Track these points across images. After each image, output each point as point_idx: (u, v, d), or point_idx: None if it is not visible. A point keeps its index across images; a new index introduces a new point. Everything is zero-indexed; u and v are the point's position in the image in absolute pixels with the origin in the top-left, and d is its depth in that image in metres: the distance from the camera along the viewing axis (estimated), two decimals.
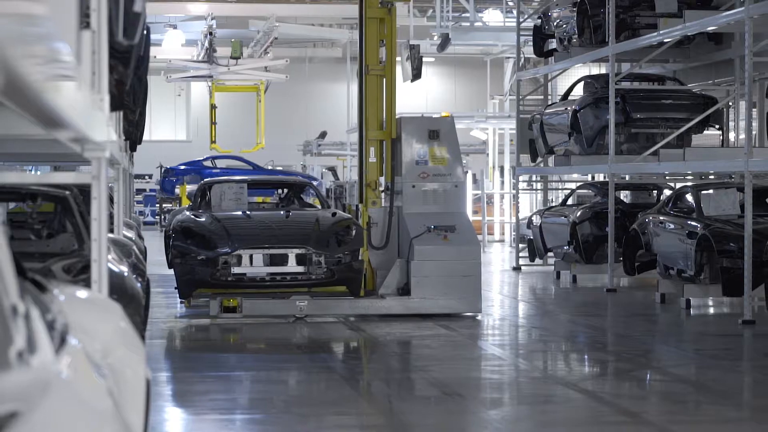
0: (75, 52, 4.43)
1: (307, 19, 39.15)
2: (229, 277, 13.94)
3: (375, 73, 15.34)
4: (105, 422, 3.03)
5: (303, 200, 16.98)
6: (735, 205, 15.90)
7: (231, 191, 15.70)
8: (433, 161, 15.24)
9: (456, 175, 15.32)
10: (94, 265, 5.77)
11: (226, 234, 14.07)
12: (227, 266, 13.92)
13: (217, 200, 15.69)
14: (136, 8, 6.09)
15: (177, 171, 40.10)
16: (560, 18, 22.39)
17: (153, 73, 22.76)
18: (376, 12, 15.30)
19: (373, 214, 15.20)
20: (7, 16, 2.35)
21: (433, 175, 15.20)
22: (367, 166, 15.41)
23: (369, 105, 15.42)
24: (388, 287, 14.74)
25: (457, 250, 14.74)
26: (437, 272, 14.55)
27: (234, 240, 13.99)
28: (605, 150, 19.01)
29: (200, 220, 14.54)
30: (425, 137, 15.26)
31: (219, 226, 14.24)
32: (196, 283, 14.10)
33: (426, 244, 14.67)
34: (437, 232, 14.74)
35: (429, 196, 15.17)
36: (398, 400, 9.38)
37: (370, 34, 15.33)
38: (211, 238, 14.05)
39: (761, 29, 16.32)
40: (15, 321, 2.60)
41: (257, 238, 14.12)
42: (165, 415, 8.62)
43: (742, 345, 12.96)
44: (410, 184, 15.14)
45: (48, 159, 12.10)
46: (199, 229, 14.23)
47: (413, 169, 15.19)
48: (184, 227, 14.35)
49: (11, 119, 4.66)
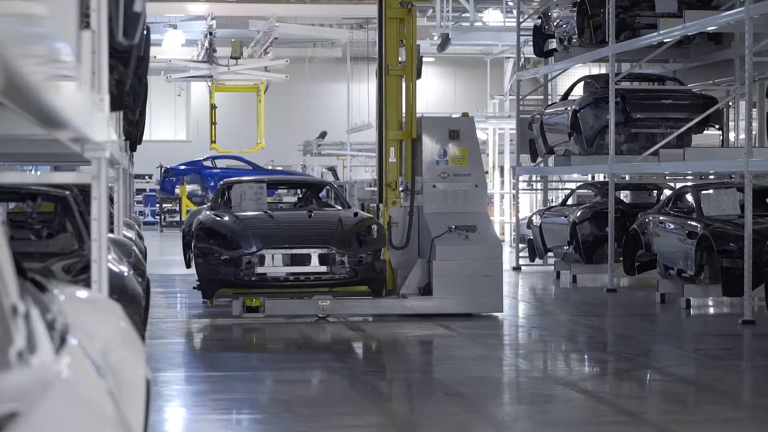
0: (75, 52, 4.43)
1: (307, 19, 39.13)
2: (252, 277, 13.96)
3: (395, 73, 15.43)
4: (105, 422, 3.03)
5: (321, 200, 17.01)
6: (735, 205, 15.90)
7: (251, 191, 15.73)
8: (454, 161, 15.33)
9: (476, 175, 15.40)
10: (94, 265, 5.77)
11: (249, 234, 14.07)
12: (251, 266, 13.93)
13: (237, 200, 15.72)
14: (136, 8, 6.09)
15: (177, 171, 40.09)
16: (560, 18, 22.39)
17: (153, 73, 22.76)
18: (395, 12, 15.39)
19: (393, 214, 15.28)
20: (7, 16, 2.35)
21: (453, 175, 15.28)
22: (387, 166, 15.46)
23: (389, 105, 15.49)
24: (408, 287, 14.79)
25: (479, 250, 14.80)
26: (459, 272, 14.59)
27: (258, 240, 14.00)
28: (605, 150, 19.01)
29: (223, 220, 14.52)
30: (446, 137, 15.36)
31: (242, 226, 14.25)
32: (219, 283, 14.08)
33: (448, 244, 14.72)
34: (458, 232, 14.80)
35: (449, 196, 15.23)
36: (399, 400, 9.38)
37: (390, 35, 15.41)
38: (234, 238, 14.05)
39: (761, 29, 16.33)
40: (15, 321, 2.60)
41: (281, 238, 14.12)
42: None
43: (742, 345, 12.96)
44: (431, 184, 15.23)
45: (48, 159, 12.10)
46: (223, 229, 14.23)
47: (433, 169, 15.27)
48: (207, 227, 14.35)
49: (11, 119, 4.66)
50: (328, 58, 46.99)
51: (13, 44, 2.36)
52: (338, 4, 38.06)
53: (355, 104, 43.78)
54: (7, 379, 2.37)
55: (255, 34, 38.00)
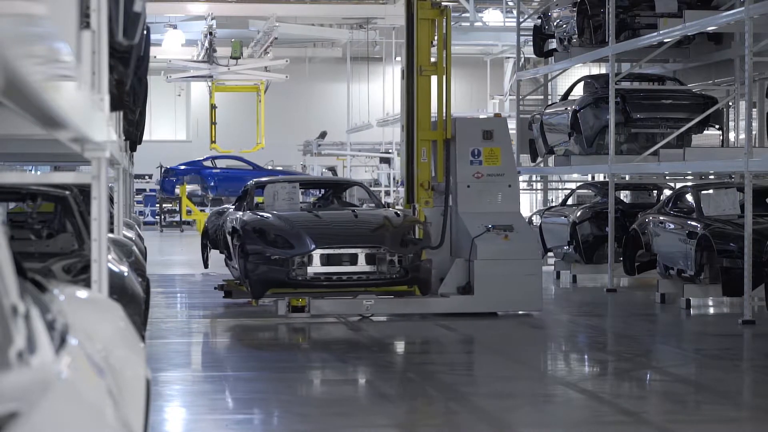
0: (75, 52, 4.44)
1: (307, 19, 39.13)
2: (305, 277, 14.00)
3: (428, 73, 15.63)
4: (105, 422, 3.03)
5: (344, 200, 17.18)
6: (735, 205, 15.90)
7: (284, 191, 15.75)
8: (487, 161, 15.50)
9: (509, 175, 15.62)
10: (94, 265, 5.76)
11: (302, 234, 14.10)
12: (302, 266, 13.98)
13: (269, 200, 15.73)
14: (136, 8, 6.09)
15: (177, 171, 40.09)
16: (560, 18, 22.39)
17: (153, 73, 22.76)
18: (428, 13, 15.59)
19: (426, 213, 15.37)
20: (7, 16, 2.35)
21: (487, 175, 15.46)
22: (418, 166, 15.63)
23: (421, 106, 15.67)
24: (447, 286, 14.85)
25: (519, 249, 14.93)
26: (500, 271, 14.70)
27: (310, 240, 14.04)
28: (605, 150, 19.01)
29: (272, 220, 14.52)
30: (479, 137, 15.52)
31: (292, 226, 14.27)
32: (270, 283, 14.10)
33: (489, 244, 14.84)
34: (497, 231, 14.93)
35: (484, 196, 15.41)
36: (400, 400, 9.38)
37: (422, 35, 15.61)
38: (286, 238, 14.08)
39: (761, 29, 16.32)
40: (15, 321, 2.60)
41: (333, 238, 14.18)
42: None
43: (742, 345, 12.96)
44: (465, 184, 15.41)
45: (48, 159, 12.11)
46: (274, 230, 14.22)
47: (467, 169, 15.43)
48: (257, 227, 14.32)
49: (11, 119, 4.66)
50: (328, 58, 46.99)
51: (13, 44, 2.36)
52: (338, 4, 38.06)
53: (355, 104, 43.79)
54: (7, 379, 2.37)
55: (255, 34, 37.99)
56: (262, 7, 36.91)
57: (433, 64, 15.60)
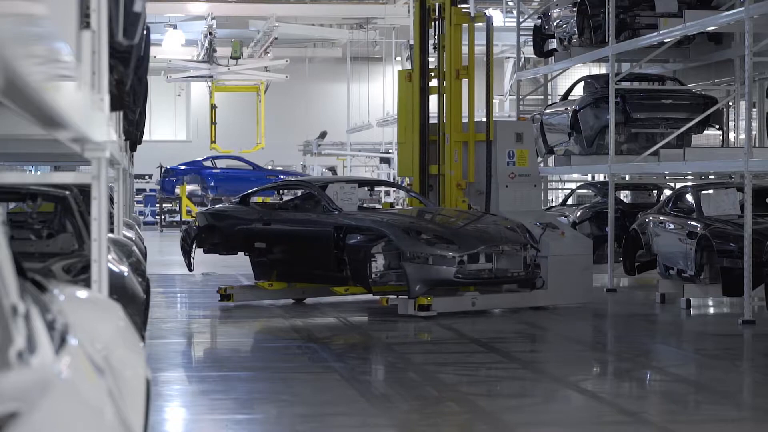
0: (75, 52, 4.44)
1: (307, 19, 39.15)
2: (466, 275, 14.40)
3: (462, 76, 16.47)
4: (105, 422, 3.03)
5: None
6: (735, 205, 15.90)
7: (342, 191, 15.99)
8: (519, 162, 16.38)
9: (534, 176, 16.60)
10: (94, 265, 5.76)
11: (455, 234, 14.48)
12: (463, 264, 14.35)
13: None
14: (136, 8, 6.09)
15: (177, 171, 40.09)
16: (560, 18, 22.39)
17: (153, 73, 22.76)
18: (461, 18, 16.51)
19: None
20: (7, 16, 2.35)
21: (518, 176, 16.30)
22: (451, 167, 16.37)
23: (455, 108, 16.49)
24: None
25: (575, 245, 15.80)
26: (567, 266, 15.42)
27: (465, 240, 14.43)
28: (605, 150, 19.00)
29: (422, 221, 14.93)
30: (513, 140, 16.34)
31: (439, 227, 14.69)
32: (433, 282, 14.39)
33: (555, 241, 15.54)
34: (550, 228, 15.65)
35: (517, 196, 16.24)
36: (399, 400, 9.37)
37: (456, 40, 16.49)
38: (450, 238, 14.40)
39: (761, 29, 16.32)
40: (15, 321, 2.60)
41: (482, 238, 14.59)
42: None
43: (742, 345, 12.96)
44: (504, 185, 16.21)
45: (48, 159, 12.10)
46: (429, 230, 14.55)
47: (504, 170, 16.23)
48: (414, 227, 14.59)
49: (11, 119, 4.66)
50: (328, 58, 47.00)
51: (13, 44, 2.36)
52: (338, 4, 38.08)
53: (355, 104, 43.79)
54: (7, 379, 2.37)
55: (255, 34, 38.02)
56: (262, 7, 36.93)
57: (464, 68, 16.55)
